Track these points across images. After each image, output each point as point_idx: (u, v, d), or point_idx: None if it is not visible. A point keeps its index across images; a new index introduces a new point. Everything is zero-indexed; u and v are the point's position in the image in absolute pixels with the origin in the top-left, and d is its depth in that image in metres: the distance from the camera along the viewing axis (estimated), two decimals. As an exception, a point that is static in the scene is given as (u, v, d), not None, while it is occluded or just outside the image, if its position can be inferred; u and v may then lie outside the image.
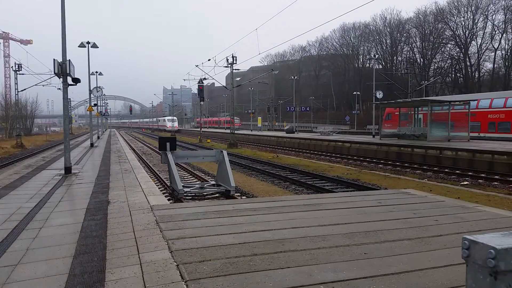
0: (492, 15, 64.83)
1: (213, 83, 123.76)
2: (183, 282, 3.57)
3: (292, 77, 67.96)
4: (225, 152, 11.89)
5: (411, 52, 79.74)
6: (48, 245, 5.08)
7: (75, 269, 4.07)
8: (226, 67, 37.74)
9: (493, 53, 66.15)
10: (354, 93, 69.21)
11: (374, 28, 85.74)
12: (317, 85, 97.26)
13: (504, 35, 63.55)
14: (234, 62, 36.92)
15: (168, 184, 13.27)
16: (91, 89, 33.10)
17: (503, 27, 63.08)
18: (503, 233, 1.52)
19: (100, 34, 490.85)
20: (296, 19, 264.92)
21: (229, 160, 12.27)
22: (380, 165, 21.61)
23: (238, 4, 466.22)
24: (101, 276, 3.84)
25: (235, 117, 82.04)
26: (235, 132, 40.53)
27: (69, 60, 13.02)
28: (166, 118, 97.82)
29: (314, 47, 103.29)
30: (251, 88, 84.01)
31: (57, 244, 5.09)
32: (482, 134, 30.94)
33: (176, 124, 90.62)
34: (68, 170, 13.16)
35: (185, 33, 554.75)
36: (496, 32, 64.85)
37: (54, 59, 12.83)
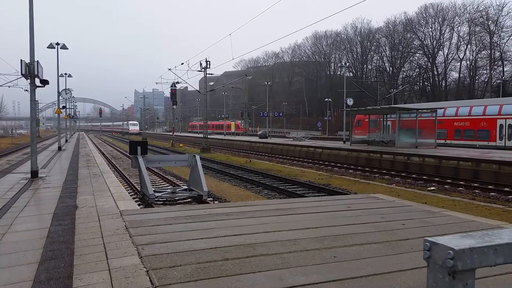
0: (458, 27, 67.58)
1: (186, 87, 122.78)
2: (153, 288, 3.53)
3: (266, 82, 68.45)
4: (197, 157, 11.84)
5: (380, 61, 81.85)
6: (12, 251, 4.91)
7: (41, 276, 3.96)
8: (199, 71, 37.57)
9: (458, 63, 68.81)
10: (326, 99, 70.24)
11: (345, 36, 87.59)
12: (290, 91, 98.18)
13: (469, 46, 66.25)
14: (208, 66, 36.80)
15: (139, 189, 13.07)
16: (60, 91, 32.29)
17: (468, 38, 65.70)
18: (462, 235, 1.59)
19: (70, 35, 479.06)
20: (270, 26, 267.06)
21: (202, 164, 12.21)
22: (350, 171, 21.99)
23: (212, 9, 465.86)
24: (68, 282, 3.75)
25: (240, 121, 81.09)
26: (208, 136, 40.34)
27: (37, 61, 12.62)
28: (129, 122, 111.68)
29: (287, 54, 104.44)
30: (224, 93, 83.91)
31: (22, 250, 4.93)
32: (448, 141, 32.02)
33: (137, 127, 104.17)
34: (34, 174, 12.74)
35: (157, 36, 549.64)
36: (462, 43, 67.55)
37: (21, 60, 12.40)
